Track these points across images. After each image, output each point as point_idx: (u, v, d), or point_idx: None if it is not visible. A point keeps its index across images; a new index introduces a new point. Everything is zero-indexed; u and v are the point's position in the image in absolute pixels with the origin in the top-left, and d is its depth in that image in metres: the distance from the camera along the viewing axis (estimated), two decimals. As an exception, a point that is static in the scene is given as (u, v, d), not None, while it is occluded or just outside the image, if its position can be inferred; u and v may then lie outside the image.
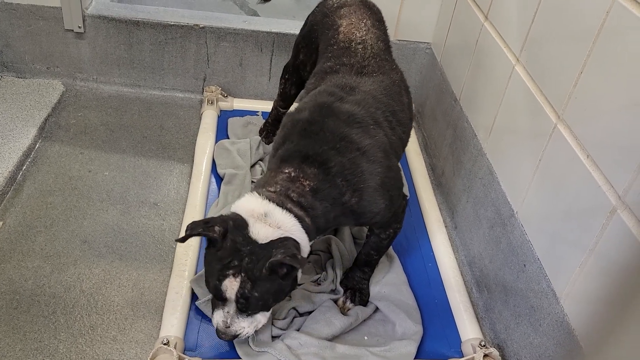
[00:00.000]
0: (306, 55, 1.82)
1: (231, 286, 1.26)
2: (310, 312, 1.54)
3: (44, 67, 2.36)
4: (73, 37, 2.30)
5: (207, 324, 1.50)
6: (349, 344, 1.47)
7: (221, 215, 1.30)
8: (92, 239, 1.71)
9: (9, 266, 1.59)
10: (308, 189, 1.31)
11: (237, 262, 1.24)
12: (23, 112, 2.11)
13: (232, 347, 1.43)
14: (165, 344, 1.38)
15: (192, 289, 1.56)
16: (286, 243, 1.25)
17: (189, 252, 1.66)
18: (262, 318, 1.34)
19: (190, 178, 1.97)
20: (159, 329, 1.46)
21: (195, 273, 1.61)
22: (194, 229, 1.27)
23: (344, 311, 1.56)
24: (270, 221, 1.27)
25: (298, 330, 1.48)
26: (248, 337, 1.39)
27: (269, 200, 1.28)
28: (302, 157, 1.33)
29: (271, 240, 1.25)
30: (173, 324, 1.45)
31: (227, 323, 1.32)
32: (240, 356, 1.40)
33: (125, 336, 1.47)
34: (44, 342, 1.42)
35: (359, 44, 1.60)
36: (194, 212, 1.79)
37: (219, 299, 1.31)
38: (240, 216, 1.28)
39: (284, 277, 1.27)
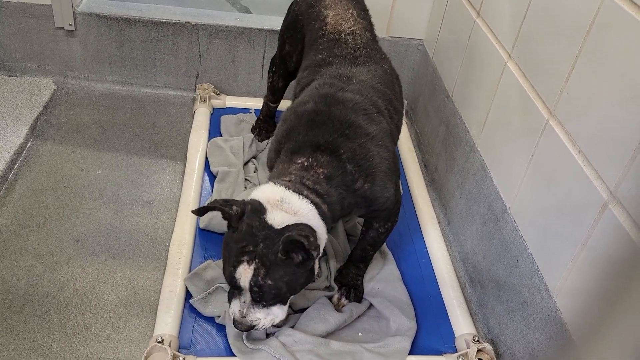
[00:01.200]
0: (292, 45, 1.82)
1: (245, 274, 1.24)
2: (304, 309, 1.54)
3: (34, 65, 2.34)
4: (64, 35, 2.28)
5: (201, 322, 1.50)
6: (344, 340, 1.47)
7: (243, 200, 1.30)
8: (85, 238, 1.71)
9: (1, 265, 1.58)
10: (322, 177, 1.31)
11: (251, 248, 1.23)
12: (14, 111, 2.10)
13: (227, 345, 1.43)
14: (159, 342, 1.38)
15: (186, 287, 1.56)
16: (301, 226, 1.24)
17: (183, 251, 1.66)
18: (279, 311, 1.32)
19: (183, 176, 1.96)
20: (153, 328, 1.46)
21: (189, 271, 1.61)
22: (214, 205, 1.26)
23: (338, 308, 1.57)
24: (286, 207, 1.26)
25: (292, 327, 1.48)
26: (264, 329, 1.39)
27: (285, 187, 1.28)
28: (314, 147, 1.33)
29: (287, 225, 1.24)
30: (167, 322, 1.45)
31: (243, 313, 1.30)
32: (235, 354, 1.41)
33: (120, 335, 1.46)
34: (37, 341, 1.42)
35: (349, 34, 1.61)
36: (187, 210, 1.79)
37: (234, 288, 1.29)
38: (259, 202, 1.27)
39: (299, 265, 1.25)
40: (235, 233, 1.26)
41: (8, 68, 2.33)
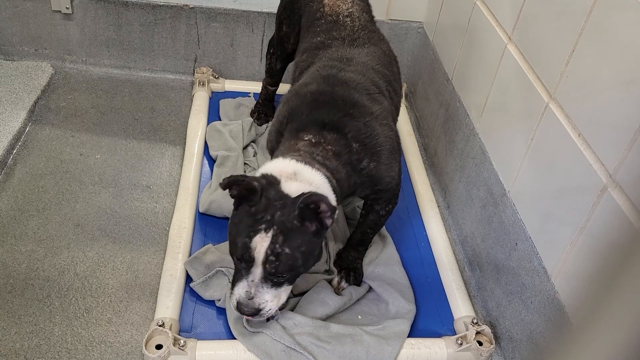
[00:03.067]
0: (289, 26, 1.81)
1: (261, 243, 1.21)
2: (304, 293, 1.55)
3: (32, 49, 2.32)
4: (61, 19, 2.26)
5: (201, 305, 1.51)
6: (343, 323, 1.48)
7: (253, 176, 1.29)
8: (85, 223, 1.71)
9: (2, 250, 1.59)
10: (331, 153, 1.31)
11: (269, 217, 1.21)
12: (12, 95, 2.09)
13: (227, 328, 1.44)
14: (160, 326, 1.38)
15: (187, 271, 1.56)
16: (316, 192, 1.23)
17: (183, 235, 1.66)
18: (284, 295, 1.30)
19: (182, 160, 1.96)
20: (154, 311, 1.47)
21: (189, 255, 1.61)
22: (237, 181, 1.23)
23: (338, 291, 1.57)
24: (300, 178, 1.26)
25: (292, 310, 1.49)
26: (272, 316, 1.35)
27: (297, 160, 1.28)
28: (320, 125, 1.33)
29: (302, 193, 1.22)
30: (168, 305, 1.46)
31: (250, 294, 1.26)
32: (235, 337, 1.42)
33: (121, 318, 1.47)
34: (39, 325, 1.43)
35: (347, 16, 1.60)
36: (187, 195, 1.79)
37: (245, 261, 1.25)
38: (272, 174, 1.27)
39: (315, 234, 1.25)
40: (254, 206, 1.23)
41: (5, 52, 2.31)
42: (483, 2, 1.79)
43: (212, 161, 1.96)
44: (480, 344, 1.47)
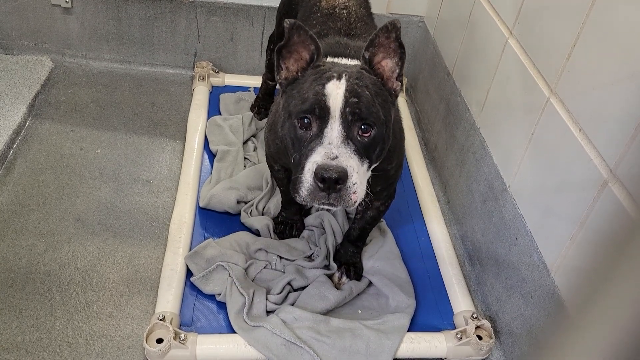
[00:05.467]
0: None
1: (337, 88, 1.10)
2: (304, 287, 1.55)
3: (31, 43, 2.32)
4: (60, 13, 2.26)
5: (202, 299, 1.51)
6: (343, 317, 1.49)
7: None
8: (85, 217, 1.71)
9: (2, 245, 1.59)
10: None
11: (335, 73, 1.14)
12: (12, 90, 2.08)
13: (228, 323, 1.45)
14: (161, 320, 1.39)
15: (187, 266, 1.57)
16: None
17: (183, 229, 1.66)
18: (364, 177, 1.15)
19: (182, 155, 1.96)
20: (155, 305, 1.47)
21: (190, 250, 1.61)
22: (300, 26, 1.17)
23: (339, 286, 1.58)
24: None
25: (292, 304, 1.49)
26: (353, 195, 1.11)
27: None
28: None
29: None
30: (168, 299, 1.46)
31: (332, 154, 1.08)
32: (236, 331, 1.42)
33: (121, 312, 1.48)
34: (40, 319, 1.43)
35: (343, 9, 1.59)
36: (187, 189, 1.79)
37: (319, 115, 1.10)
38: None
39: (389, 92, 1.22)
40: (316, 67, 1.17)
41: (5, 46, 2.31)
42: (484, -4, 1.78)
43: (212, 156, 1.96)
44: (480, 338, 1.47)
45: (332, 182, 1.08)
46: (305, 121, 1.13)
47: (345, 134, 1.11)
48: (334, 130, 1.11)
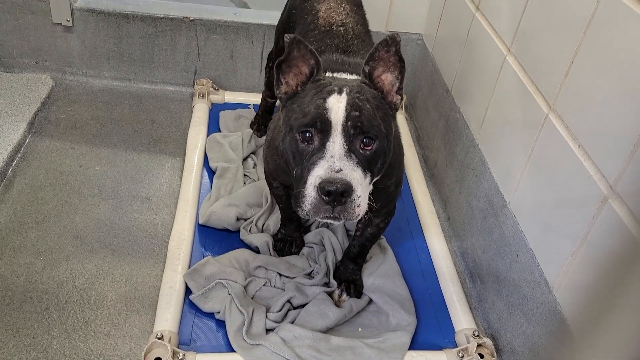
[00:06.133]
0: None
1: (337, 102, 1.11)
2: (304, 305, 1.54)
3: (32, 61, 2.33)
4: (61, 31, 2.27)
5: (201, 318, 1.50)
6: (344, 335, 1.47)
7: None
8: (84, 235, 1.71)
9: (0, 263, 1.58)
10: None
11: (335, 88, 1.15)
12: (12, 107, 2.09)
13: (227, 341, 1.43)
14: (159, 339, 1.38)
15: (186, 283, 1.56)
16: None
17: (182, 247, 1.65)
18: (367, 190, 1.15)
19: (182, 172, 1.96)
20: (153, 324, 1.46)
21: (189, 267, 1.61)
22: (300, 41, 1.18)
23: (339, 304, 1.57)
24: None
25: (292, 322, 1.48)
26: (357, 207, 1.11)
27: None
28: None
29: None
30: (167, 318, 1.45)
31: (336, 167, 1.08)
32: (235, 349, 1.41)
33: (119, 331, 1.46)
34: (37, 338, 1.42)
35: (340, 26, 1.60)
36: (187, 206, 1.79)
37: (320, 129, 1.11)
38: None
39: (389, 106, 1.23)
40: (316, 81, 1.18)
41: (5, 64, 2.32)
42: (482, 14, 1.80)
43: (211, 173, 1.96)
44: (481, 356, 1.46)
45: (337, 195, 1.08)
46: (307, 135, 1.14)
47: (347, 147, 1.12)
48: (336, 143, 1.11)
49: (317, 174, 1.09)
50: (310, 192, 1.10)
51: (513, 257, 1.48)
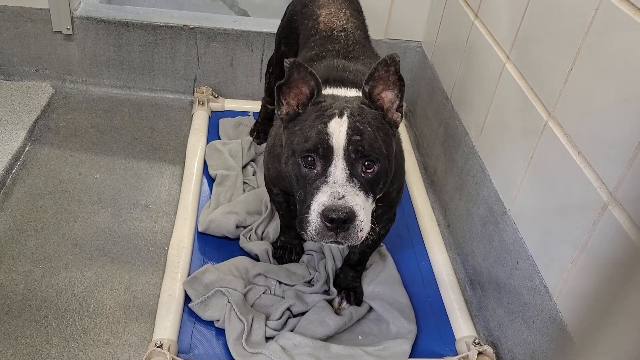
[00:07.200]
0: (287, 46, 1.83)
1: (338, 127, 1.11)
2: (303, 313, 1.54)
3: (32, 69, 2.34)
4: (62, 39, 2.28)
5: (200, 326, 1.50)
6: (344, 343, 1.47)
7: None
8: (83, 242, 1.70)
9: (-1, 271, 1.58)
10: None
11: (336, 110, 1.15)
12: (12, 115, 2.09)
13: (227, 349, 1.43)
14: (158, 347, 1.37)
15: (185, 291, 1.55)
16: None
17: (182, 254, 1.65)
18: (369, 210, 1.17)
19: (181, 180, 1.96)
20: (152, 332, 1.46)
21: (188, 275, 1.60)
22: (300, 64, 1.18)
23: (339, 312, 1.56)
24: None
25: (292, 330, 1.48)
26: (360, 231, 1.12)
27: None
28: None
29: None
30: (166, 326, 1.45)
31: (338, 194, 1.10)
32: (234, 358, 1.40)
33: (118, 339, 1.46)
34: (36, 346, 1.41)
35: (341, 31, 1.61)
36: (186, 214, 1.79)
37: (322, 155, 1.12)
38: None
39: (389, 124, 1.23)
40: (317, 104, 1.18)
41: (6, 72, 2.33)
42: (481, 21, 1.80)
43: (211, 180, 1.96)
44: (482, 364, 1.45)
45: (340, 222, 1.09)
46: (309, 159, 1.15)
47: (349, 172, 1.13)
48: (338, 168, 1.12)
49: (320, 200, 1.11)
50: (313, 218, 1.11)
51: (513, 264, 1.48)
